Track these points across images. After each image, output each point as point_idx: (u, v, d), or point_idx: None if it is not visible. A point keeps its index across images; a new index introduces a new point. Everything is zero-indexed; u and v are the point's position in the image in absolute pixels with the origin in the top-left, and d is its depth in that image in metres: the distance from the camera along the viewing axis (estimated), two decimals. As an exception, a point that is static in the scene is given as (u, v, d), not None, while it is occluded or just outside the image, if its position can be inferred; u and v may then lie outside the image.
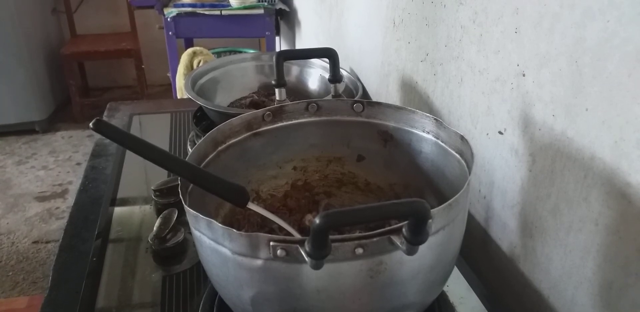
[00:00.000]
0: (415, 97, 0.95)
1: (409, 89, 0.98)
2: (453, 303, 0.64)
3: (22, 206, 2.33)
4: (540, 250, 0.62)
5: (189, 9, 2.29)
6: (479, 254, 0.76)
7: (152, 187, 0.85)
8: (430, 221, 0.40)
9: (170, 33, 2.33)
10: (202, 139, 0.60)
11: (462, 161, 0.56)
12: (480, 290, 0.67)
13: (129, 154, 1.02)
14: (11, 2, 2.66)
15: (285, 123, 0.66)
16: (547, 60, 0.57)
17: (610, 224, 0.51)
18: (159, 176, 0.90)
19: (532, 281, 0.64)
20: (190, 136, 1.06)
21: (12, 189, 2.46)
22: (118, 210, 0.87)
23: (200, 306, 0.62)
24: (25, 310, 1.54)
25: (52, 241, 2.10)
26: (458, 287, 0.66)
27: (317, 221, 0.37)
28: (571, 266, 0.57)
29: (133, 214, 0.86)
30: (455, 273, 0.68)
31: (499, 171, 0.70)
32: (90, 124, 0.49)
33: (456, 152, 0.57)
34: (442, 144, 0.60)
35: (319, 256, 0.39)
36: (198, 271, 0.71)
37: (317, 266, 0.40)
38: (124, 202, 0.89)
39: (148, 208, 0.86)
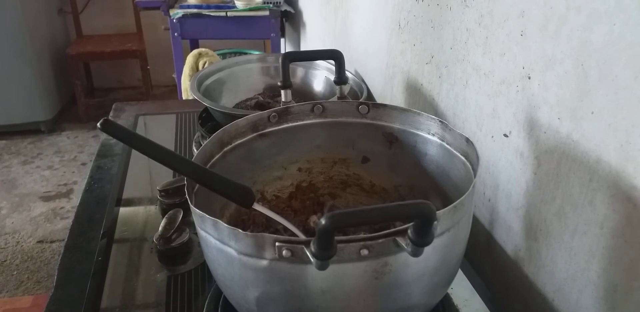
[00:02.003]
0: (420, 99, 0.95)
1: (414, 91, 0.98)
2: (457, 306, 0.64)
3: (27, 206, 2.34)
4: (545, 253, 0.62)
5: (195, 10, 2.30)
6: (484, 257, 0.76)
7: (158, 188, 0.85)
8: (435, 222, 0.40)
9: (175, 34, 2.34)
10: (208, 139, 0.60)
11: (467, 163, 0.56)
12: (485, 293, 0.66)
13: (135, 155, 1.02)
14: (17, 3, 2.67)
15: (290, 124, 0.67)
16: (553, 63, 0.57)
17: (615, 227, 0.51)
18: (165, 176, 0.91)
19: (537, 284, 0.64)
20: (195, 137, 1.06)
21: (17, 189, 2.47)
22: (123, 210, 0.87)
23: (205, 306, 0.62)
24: (29, 309, 1.55)
25: (56, 241, 2.10)
26: (462, 290, 0.66)
27: (323, 221, 0.37)
28: (576, 269, 0.57)
29: (138, 214, 0.86)
30: (460, 275, 0.68)
31: (504, 174, 0.70)
32: (98, 124, 0.49)
33: (461, 154, 0.57)
34: (447, 146, 0.60)
35: (325, 256, 0.39)
36: (203, 271, 0.71)
37: (322, 267, 0.40)
38: (130, 202, 0.90)
39: (153, 208, 0.87)
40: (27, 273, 1.93)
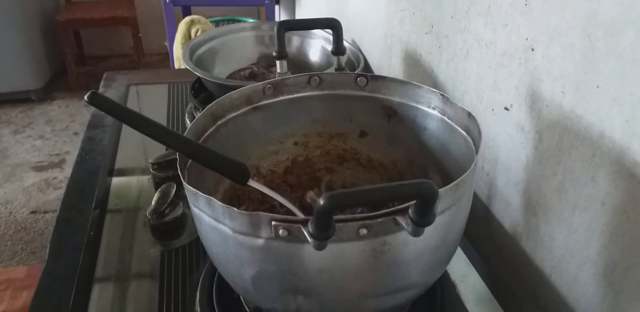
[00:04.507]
0: (419, 71, 0.93)
1: (412, 62, 0.96)
2: (454, 281, 0.64)
3: (19, 176, 2.32)
4: (544, 228, 0.61)
5: (187, -24, 2.24)
6: (481, 232, 0.76)
7: (150, 161, 0.84)
8: (437, 202, 0.39)
9: (167, 0, 2.28)
10: (201, 113, 0.58)
11: (469, 139, 0.54)
12: (482, 268, 0.66)
13: (126, 126, 1.00)
14: (4, -32, 2.60)
15: (286, 97, 0.65)
16: (558, 35, 0.55)
17: (617, 204, 0.50)
18: (157, 147, 0.89)
19: (534, 260, 0.64)
20: (188, 108, 1.04)
21: (9, 159, 2.44)
22: (116, 182, 0.86)
23: (200, 281, 0.61)
24: (24, 280, 1.55)
25: (50, 211, 2.10)
26: (459, 266, 0.66)
27: (322, 201, 0.36)
28: (575, 245, 0.56)
29: (131, 186, 0.85)
30: (457, 251, 0.67)
31: (504, 148, 0.68)
32: (85, 97, 0.47)
33: (462, 129, 0.56)
34: (448, 121, 0.58)
35: (323, 237, 0.38)
36: (197, 246, 0.71)
37: (320, 247, 0.39)
38: (122, 173, 0.89)
39: (146, 180, 0.85)
40: (21, 244, 1.93)
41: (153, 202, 0.74)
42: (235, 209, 0.42)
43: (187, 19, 1.91)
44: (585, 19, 0.51)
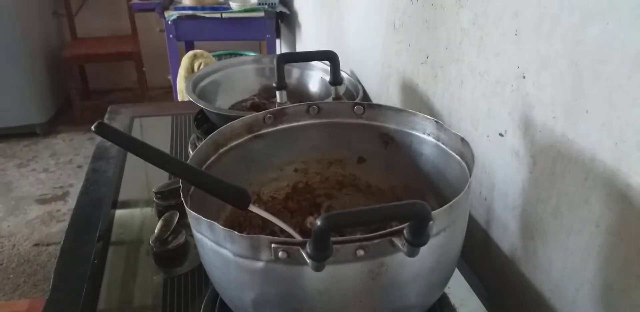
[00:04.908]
0: (416, 99, 0.95)
1: (409, 91, 0.98)
2: (454, 305, 0.64)
3: (23, 209, 2.33)
4: (542, 252, 0.62)
5: (190, 12, 2.29)
6: (480, 256, 0.76)
7: (154, 190, 0.85)
8: (431, 222, 0.40)
9: (171, 36, 2.34)
10: (204, 141, 0.60)
11: (463, 163, 0.56)
12: (481, 292, 0.67)
13: (130, 157, 1.02)
14: (12, 5, 2.66)
15: (286, 125, 0.66)
16: (547, 63, 0.57)
17: (610, 225, 0.51)
18: (160, 178, 0.91)
19: (533, 283, 0.64)
20: (191, 139, 1.06)
21: (13, 192, 2.46)
22: (119, 212, 0.87)
23: (202, 308, 0.62)
24: (26, 313, 1.54)
25: (52, 244, 2.10)
26: (459, 289, 0.66)
27: (319, 222, 0.37)
28: (572, 267, 0.57)
29: (134, 217, 0.86)
30: (457, 275, 0.68)
31: (500, 173, 0.70)
32: (92, 127, 0.49)
33: (457, 154, 0.58)
34: (443, 146, 0.60)
35: (321, 257, 0.39)
36: (199, 273, 0.71)
37: (318, 268, 0.40)
38: (125, 204, 0.90)
39: (149, 210, 0.86)
40: (24, 276, 1.92)
41: (156, 230, 0.75)
42: (236, 232, 0.43)
43: (190, 53, 1.95)
44: (572, 47, 0.53)
